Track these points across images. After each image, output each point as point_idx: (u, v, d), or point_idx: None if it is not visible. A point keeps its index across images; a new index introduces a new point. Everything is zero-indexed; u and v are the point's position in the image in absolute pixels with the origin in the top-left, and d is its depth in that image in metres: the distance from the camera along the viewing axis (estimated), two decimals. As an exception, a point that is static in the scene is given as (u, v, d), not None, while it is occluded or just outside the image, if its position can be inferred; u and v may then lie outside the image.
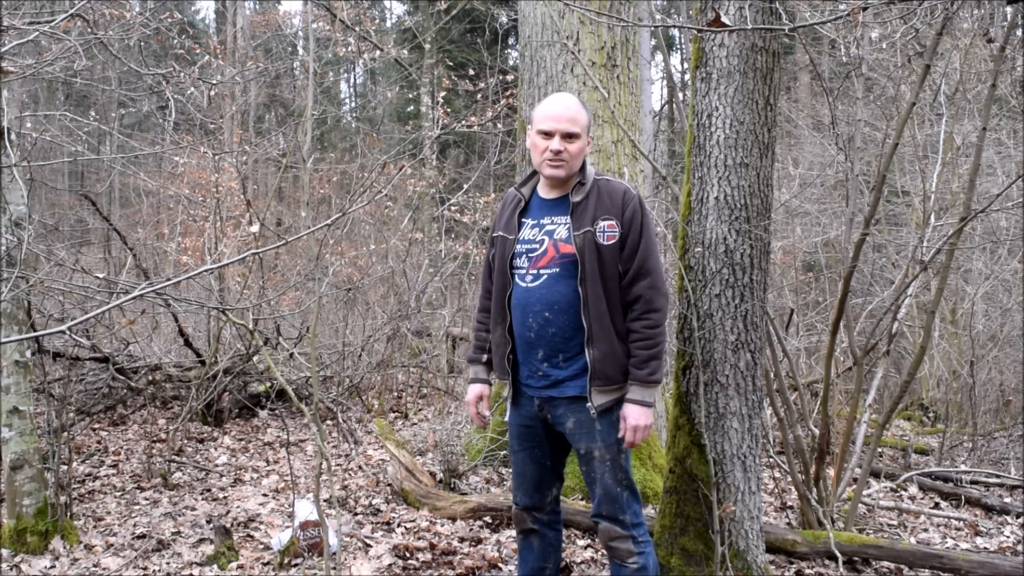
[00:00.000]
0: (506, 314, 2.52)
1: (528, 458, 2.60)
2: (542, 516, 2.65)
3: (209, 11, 24.02)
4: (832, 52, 8.90)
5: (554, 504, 2.68)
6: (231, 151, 8.87)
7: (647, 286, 2.40)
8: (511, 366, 2.54)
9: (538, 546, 2.67)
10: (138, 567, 3.31)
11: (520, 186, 2.61)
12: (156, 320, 8.08)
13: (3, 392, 3.37)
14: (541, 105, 2.51)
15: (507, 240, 2.53)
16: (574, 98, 2.52)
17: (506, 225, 2.56)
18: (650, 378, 2.38)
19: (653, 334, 2.39)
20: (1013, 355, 7.94)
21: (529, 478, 2.62)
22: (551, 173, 2.45)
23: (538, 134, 2.45)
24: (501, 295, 2.53)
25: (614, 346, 2.40)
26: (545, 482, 2.63)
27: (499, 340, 2.56)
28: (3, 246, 3.39)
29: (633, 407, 2.39)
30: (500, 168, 11.47)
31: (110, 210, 13.35)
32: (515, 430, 2.61)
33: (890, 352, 4.17)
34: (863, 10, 2.05)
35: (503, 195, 2.74)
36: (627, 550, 2.44)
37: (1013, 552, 3.75)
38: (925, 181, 5.39)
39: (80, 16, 3.68)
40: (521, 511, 2.66)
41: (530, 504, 2.64)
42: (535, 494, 2.63)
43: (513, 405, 2.60)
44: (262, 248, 1.99)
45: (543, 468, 2.61)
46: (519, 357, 2.53)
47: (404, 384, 7.73)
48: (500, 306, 2.54)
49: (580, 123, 2.44)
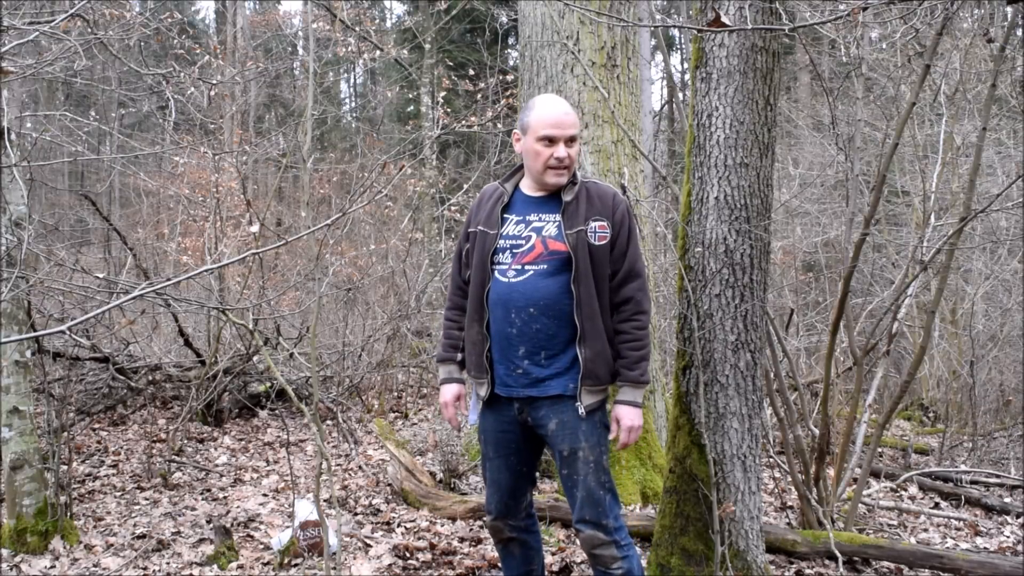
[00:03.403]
0: (483, 310, 2.44)
1: (504, 465, 2.53)
2: (518, 523, 2.60)
3: (209, 11, 23.99)
4: (832, 52, 8.90)
5: (528, 508, 2.62)
6: (231, 151, 8.86)
7: (637, 288, 2.41)
8: (488, 365, 2.46)
9: (519, 553, 2.63)
10: (138, 567, 3.31)
11: (503, 181, 2.54)
12: (156, 320, 8.08)
13: (3, 392, 3.37)
14: (536, 111, 2.43)
15: (487, 235, 2.45)
16: (566, 103, 2.50)
17: (486, 219, 2.48)
18: (641, 379, 2.40)
19: (642, 335, 2.41)
20: (1013, 355, 7.94)
21: (504, 486, 2.55)
22: (555, 180, 2.41)
23: (539, 141, 2.39)
24: (479, 290, 2.45)
25: (605, 346, 2.38)
26: (520, 489, 2.57)
27: (475, 338, 2.48)
28: (3, 246, 3.39)
29: (627, 408, 2.40)
30: (500, 168, 11.46)
31: (110, 210, 13.34)
32: (490, 436, 2.53)
33: (890, 352, 4.17)
34: (863, 10, 2.05)
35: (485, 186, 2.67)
36: (611, 556, 2.39)
37: (1013, 552, 3.75)
38: (925, 181, 5.39)
39: (80, 16, 3.68)
40: (496, 522, 2.59)
41: (505, 512, 2.57)
42: (510, 501, 2.56)
43: (488, 407, 2.50)
44: (262, 248, 1.99)
45: (518, 475, 2.55)
46: (496, 355, 2.44)
47: (404, 384, 7.73)
48: (478, 302, 2.45)
49: (577, 126, 2.44)
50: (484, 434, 2.56)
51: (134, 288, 3.91)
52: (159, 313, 7.82)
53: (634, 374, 2.39)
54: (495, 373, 2.46)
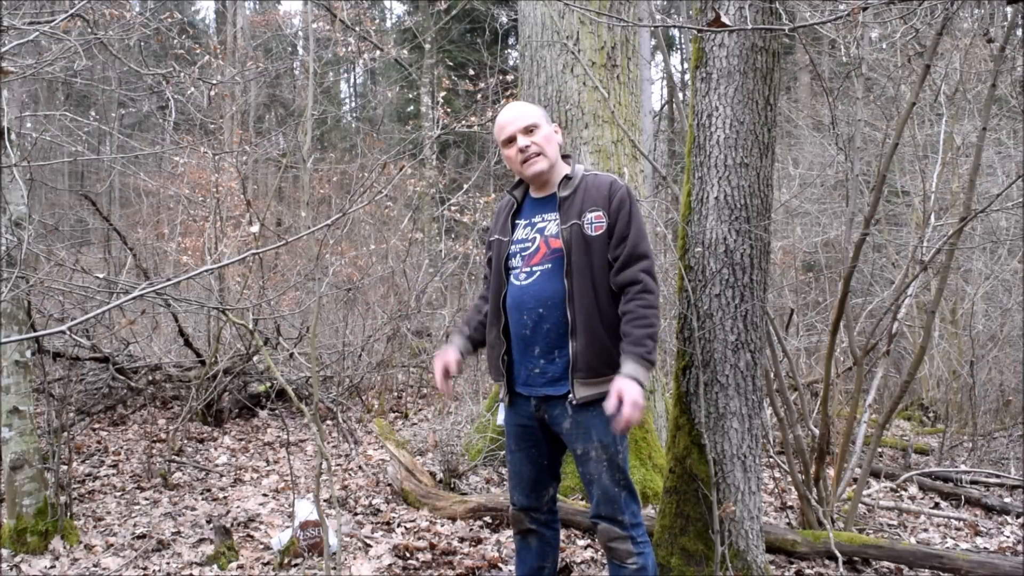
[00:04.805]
0: (501, 315, 2.51)
1: (525, 458, 2.59)
2: (539, 516, 2.65)
3: (209, 11, 24.03)
4: (832, 52, 8.89)
5: (551, 504, 2.67)
6: (231, 151, 8.87)
7: (640, 268, 2.35)
8: (506, 368, 2.52)
9: (536, 546, 2.67)
10: (138, 567, 3.31)
11: (512, 189, 2.63)
12: (156, 320, 8.09)
13: (3, 392, 3.37)
14: (495, 126, 2.56)
15: (502, 242, 2.55)
16: (520, 103, 2.58)
17: (501, 228, 2.59)
18: (647, 355, 2.28)
19: (648, 313, 2.31)
20: (1013, 355, 7.94)
21: (526, 478, 2.61)
22: (532, 170, 2.47)
23: (503, 147, 2.51)
24: (497, 296, 2.53)
25: (600, 338, 2.36)
26: (542, 482, 2.62)
27: (493, 342, 2.55)
28: (3, 246, 3.39)
29: (627, 380, 2.25)
30: (500, 168, 11.47)
31: (110, 210, 13.35)
32: (512, 430, 2.60)
33: (890, 352, 4.17)
34: (863, 10, 2.05)
35: (501, 196, 2.76)
36: (626, 550, 2.43)
37: (1013, 552, 3.75)
38: (925, 181, 5.39)
39: (80, 16, 3.68)
40: (518, 512, 2.66)
41: (527, 504, 2.63)
42: (532, 494, 2.62)
43: (510, 407, 2.58)
44: (262, 248, 1.99)
45: (540, 468, 2.60)
46: (515, 357, 2.51)
47: (404, 384, 7.73)
48: (496, 307, 2.54)
49: (532, 115, 2.48)
50: (507, 428, 2.63)
51: (134, 288, 3.91)
52: (159, 313, 7.83)
53: (638, 349, 2.27)
54: (515, 374, 2.52)
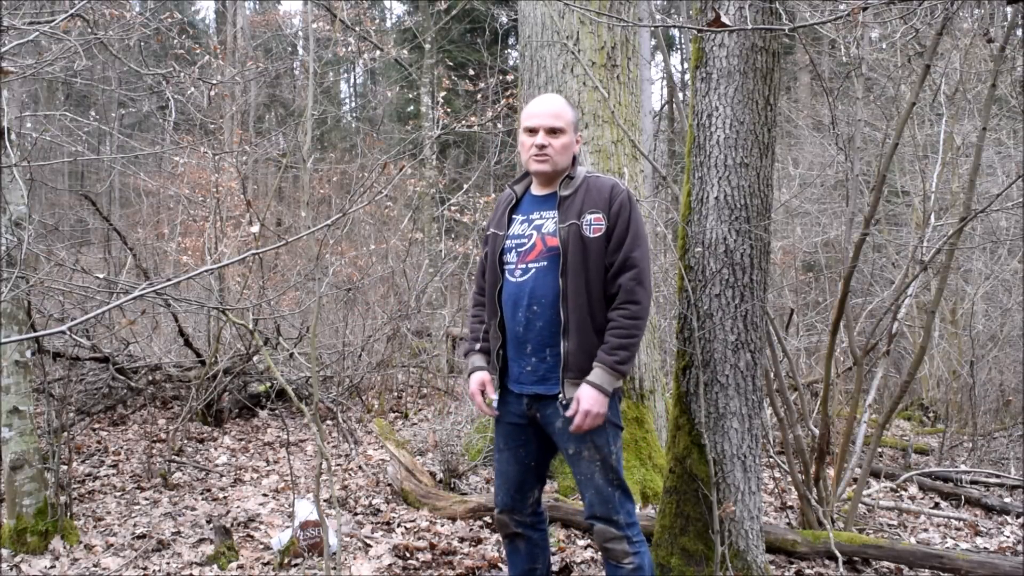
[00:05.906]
0: (496, 309, 2.52)
1: (512, 458, 2.58)
2: (524, 518, 2.63)
3: (209, 11, 24.02)
4: (832, 52, 8.89)
5: (535, 506, 2.65)
6: (231, 151, 8.87)
7: (630, 278, 2.36)
8: (501, 363, 2.53)
9: (525, 549, 2.66)
10: (138, 567, 3.31)
11: (514, 184, 2.63)
12: (156, 320, 8.08)
13: (3, 392, 3.37)
14: (526, 107, 2.55)
15: (498, 236, 2.55)
16: (559, 97, 2.57)
17: (497, 222, 2.58)
18: (617, 366, 2.31)
19: (629, 324, 2.34)
20: (1013, 355, 7.94)
21: (511, 479, 2.59)
22: (537, 168, 2.48)
23: (524, 132, 2.51)
24: (492, 290, 2.54)
25: (592, 339, 2.37)
26: (527, 484, 2.61)
27: (492, 335, 2.56)
28: (3, 246, 3.39)
29: (590, 389, 2.30)
30: (500, 168, 11.48)
31: (110, 210, 13.35)
32: (502, 428, 2.59)
33: (890, 352, 4.17)
34: (863, 10, 2.05)
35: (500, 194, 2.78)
36: (622, 551, 2.43)
37: (1013, 552, 3.75)
38: (925, 181, 5.39)
39: (80, 16, 3.68)
40: (502, 515, 2.64)
41: (511, 506, 2.61)
42: (516, 495, 2.60)
43: (502, 399, 2.57)
44: (262, 248, 1.99)
45: (526, 469, 2.58)
46: (510, 353, 2.51)
47: (404, 384, 7.73)
48: (491, 301, 2.54)
49: (564, 119, 2.47)
50: (497, 425, 2.62)
51: (134, 288, 3.91)
52: (159, 313, 7.82)
53: (610, 359, 2.31)
54: (509, 371, 2.52)
